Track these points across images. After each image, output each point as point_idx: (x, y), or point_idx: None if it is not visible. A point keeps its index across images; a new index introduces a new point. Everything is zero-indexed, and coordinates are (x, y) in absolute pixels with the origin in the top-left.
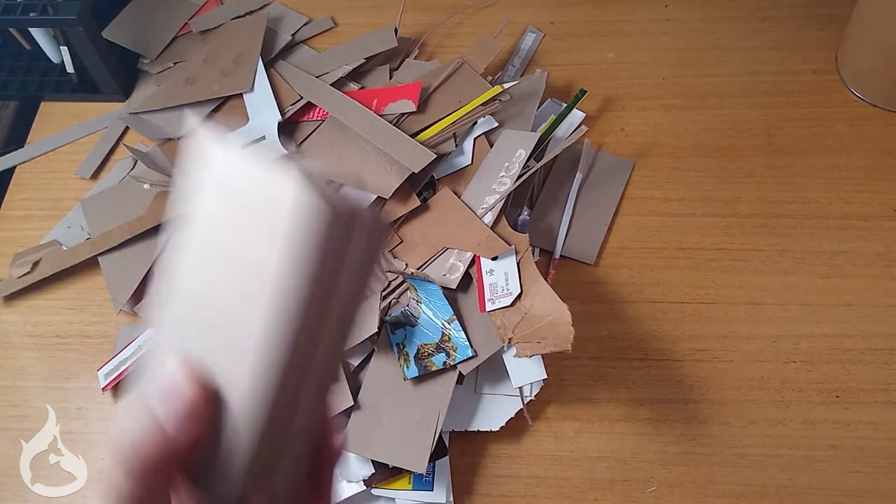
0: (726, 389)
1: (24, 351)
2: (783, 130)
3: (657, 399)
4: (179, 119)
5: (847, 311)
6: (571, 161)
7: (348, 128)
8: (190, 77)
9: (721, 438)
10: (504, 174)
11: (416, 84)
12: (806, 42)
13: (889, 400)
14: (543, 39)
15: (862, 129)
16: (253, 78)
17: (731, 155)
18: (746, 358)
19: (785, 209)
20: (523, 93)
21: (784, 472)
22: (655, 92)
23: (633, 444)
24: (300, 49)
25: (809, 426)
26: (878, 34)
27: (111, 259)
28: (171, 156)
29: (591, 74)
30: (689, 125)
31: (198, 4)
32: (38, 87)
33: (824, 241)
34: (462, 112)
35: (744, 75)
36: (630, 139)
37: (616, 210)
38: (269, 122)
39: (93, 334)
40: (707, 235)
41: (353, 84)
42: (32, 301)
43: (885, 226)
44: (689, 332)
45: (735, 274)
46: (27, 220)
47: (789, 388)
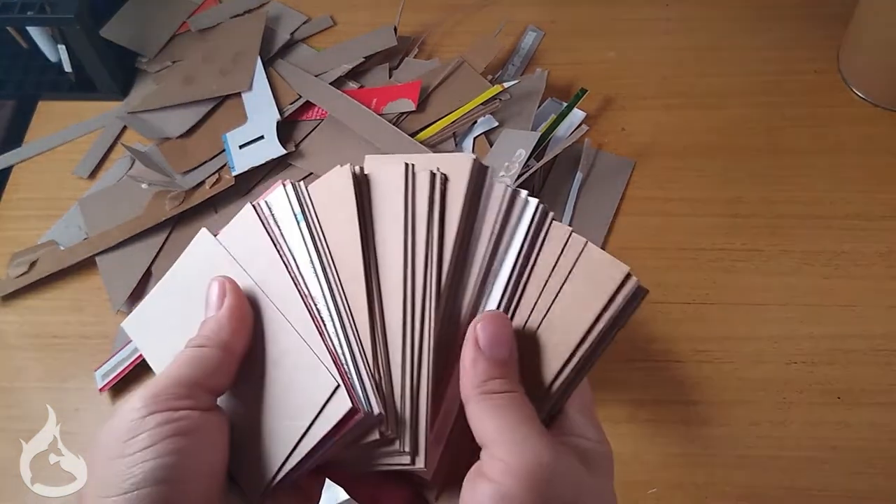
0: (727, 390)
1: (21, 351)
2: (784, 130)
3: (658, 400)
4: (178, 118)
5: (849, 312)
6: (572, 161)
7: (347, 127)
8: (188, 76)
9: (722, 440)
10: (504, 174)
11: (416, 83)
12: (807, 41)
13: (891, 401)
14: (544, 38)
15: (864, 128)
16: (252, 77)
17: (732, 155)
18: (748, 359)
19: (786, 209)
20: (523, 92)
21: (785, 474)
22: (656, 91)
23: (634, 445)
24: (299, 48)
25: (811, 427)
26: (880, 33)
27: (109, 259)
28: (169, 155)
29: (592, 74)
30: (690, 125)
31: (196, 3)
32: (36, 86)
33: (826, 242)
34: (462, 111)
35: (745, 75)
36: (630, 139)
37: (616, 210)
38: (268, 122)
39: (90, 334)
40: (708, 235)
41: (353, 83)
42: (30, 301)
43: (887, 226)
44: (690, 332)
45: (736, 274)
46: (24, 220)
47: (791, 389)
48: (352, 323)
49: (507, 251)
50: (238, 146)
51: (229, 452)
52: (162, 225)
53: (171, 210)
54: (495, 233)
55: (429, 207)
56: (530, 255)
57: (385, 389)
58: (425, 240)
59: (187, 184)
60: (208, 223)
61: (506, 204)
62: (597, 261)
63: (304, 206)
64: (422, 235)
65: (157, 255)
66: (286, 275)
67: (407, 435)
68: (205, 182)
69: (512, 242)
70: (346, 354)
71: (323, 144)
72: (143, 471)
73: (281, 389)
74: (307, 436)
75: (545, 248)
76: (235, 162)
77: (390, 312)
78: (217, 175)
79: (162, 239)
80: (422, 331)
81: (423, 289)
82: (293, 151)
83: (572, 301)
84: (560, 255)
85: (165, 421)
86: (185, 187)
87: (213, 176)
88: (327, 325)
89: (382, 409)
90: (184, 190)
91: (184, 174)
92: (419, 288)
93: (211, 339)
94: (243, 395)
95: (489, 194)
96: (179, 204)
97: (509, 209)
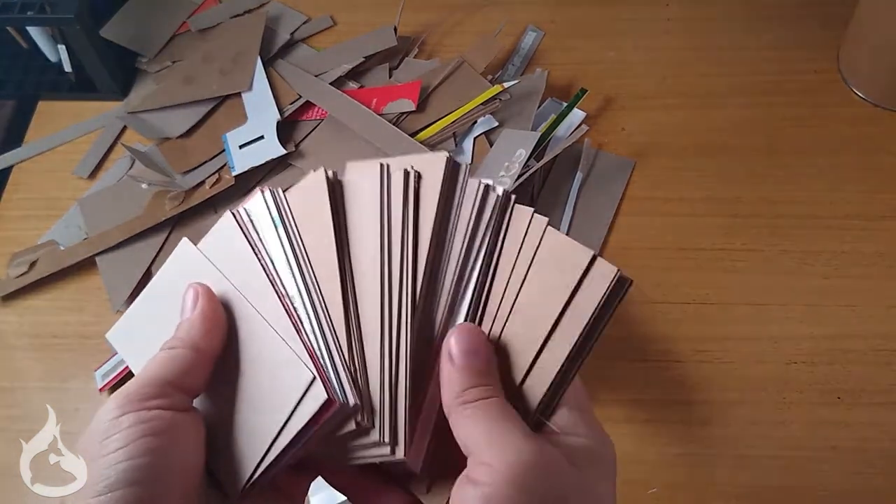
0: (727, 390)
1: (21, 351)
2: (784, 130)
3: (658, 400)
4: (178, 118)
5: (848, 312)
6: (572, 161)
7: (347, 127)
8: (188, 76)
9: (722, 440)
10: (504, 174)
11: (416, 83)
12: (807, 41)
13: (890, 401)
14: (544, 38)
15: (863, 128)
16: (252, 77)
17: (731, 155)
18: (747, 359)
19: (786, 209)
20: (523, 92)
21: (785, 474)
22: (656, 91)
23: (633, 445)
24: (299, 48)
25: (811, 427)
26: (880, 34)
27: (109, 259)
28: (169, 155)
29: (592, 74)
30: (690, 125)
31: (196, 3)
32: (36, 86)
33: (825, 242)
34: (462, 111)
35: (745, 75)
36: (630, 139)
37: (616, 210)
38: (268, 122)
39: (90, 334)
40: (708, 235)
41: (353, 83)
42: (30, 301)
43: (887, 226)
44: (690, 332)
45: (736, 274)
46: (24, 220)
47: (790, 389)
48: (328, 318)
49: (482, 245)
50: (238, 146)
51: (208, 452)
52: (162, 225)
53: (171, 210)
54: (470, 227)
55: (403, 204)
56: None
57: (361, 380)
58: (401, 236)
59: (187, 184)
60: (208, 223)
61: (479, 200)
62: (561, 246)
63: (282, 210)
64: (397, 232)
65: (157, 255)
66: (264, 277)
67: (386, 425)
68: (205, 182)
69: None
70: (322, 348)
71: (323, 144)
72: (117, 472)
73: (258, 387)
74: (284, 429)
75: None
76: (235, 162)
77: (367, 306)
78: (217, 175)
79: (162, 239)
80: (399, 323)
81: (399, 280)
82: (293, 151)
83: (538, 291)
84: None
85: (139, 421)
86: (185, 187)
87: (213, 176)
88: (304, 323)
89: (358, 400)
90: (184, 190)
91: (184, 174)
92: (395, 279)
93: (183, 340)
94: (222, 394)
95: (464, 191)
96: (179, 204)
97: (482, 205)
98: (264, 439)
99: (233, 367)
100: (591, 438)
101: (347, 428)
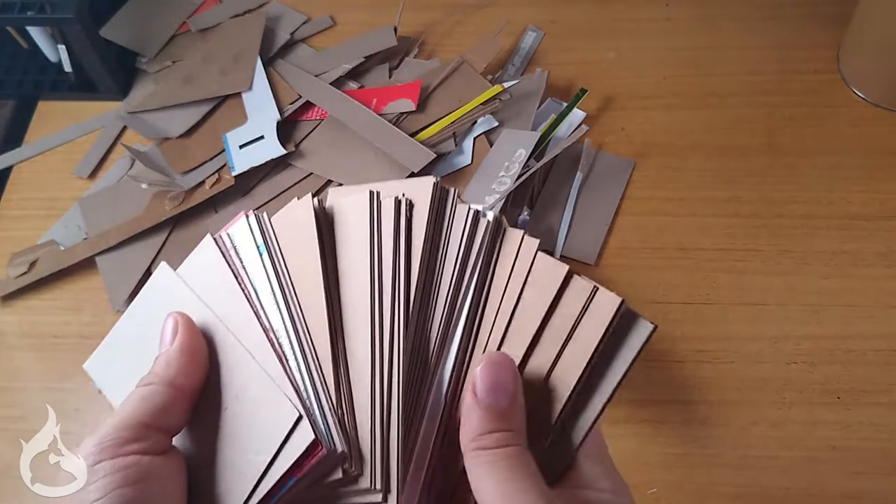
0: (727, 390)
1: (20, 351)
2: (784, 130)
3: (658, 400)
4: (178, 118)
5: (848, 312)
6: (572, 161)
7: (347, 127)
8: (188, 76)
9: (722, 440)
10: (504, 174)
11: (416, 83)
12: (807, 41)
13: (891, 401)
14: (544, 38)
15: (863, 129)
16: (252, 77)
17: (731, 155)
18: (747, 359)
19: (786, 209)
20: (523, 92)
21: (785, 474)
22: (656, 91)
23: (633, 445)
24: (299, 48)
25: (811, 427)
26: (881, 33)
27: (109, 259)
28: (169, 155)
29: (592, 73)
30: (690, 125)
31: (196, 3)
32: (36, 85)
33: (825, 242)
34: (462, 111)
35: (745, 74)
36: (631, 139)
37: (617, 210)
38: (268, 122)
39: (90, 335)
40: (708, 235)
41: (353, 83)
42: (29, 301)
43: (887, 226)
44: (690, 332)
45: (736, 274)
46: (24, 220)
47: (790, 389)
48: (314, 355)
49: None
50: (238, 146)
51: (189, 493)
52: (162, 225)
53: (171, 210)
54: (460, 257)
55: (394, 234)
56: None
57: (349, 424)
58: (392, 267)
59: (187, 184)
60: (208, 223)
61: (469, 225)
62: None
63: (267, 237)
64: (388, 263)
65: (157, 255)
66: (247, 307)
67: (378, 471)
68: (205, 182)
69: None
70: (308, 388)
71: (323, 144)
72: None
73: (242, 424)
74: (270, 470)
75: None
76: (235, 162)
77: (356, 341)
78: (217, 175)
79: (162, 239)
80: (391, 363)
81: (390, 319)
82: (293, 151)
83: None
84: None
85: (114, 470)
86: (185, 187)
87: (213, 176)
88: (289, 360)
89: (345, 446)
90: (184, 190)
91: (184, 174)
92: (387, 318)
93: (160, 376)
94: (203, 431)
95: (453, 216)
96: (179, 204)
97: (473, 232)
98: (249, 480)
99: (214, 401)
100: (613, 492)
101: (334, 476)
